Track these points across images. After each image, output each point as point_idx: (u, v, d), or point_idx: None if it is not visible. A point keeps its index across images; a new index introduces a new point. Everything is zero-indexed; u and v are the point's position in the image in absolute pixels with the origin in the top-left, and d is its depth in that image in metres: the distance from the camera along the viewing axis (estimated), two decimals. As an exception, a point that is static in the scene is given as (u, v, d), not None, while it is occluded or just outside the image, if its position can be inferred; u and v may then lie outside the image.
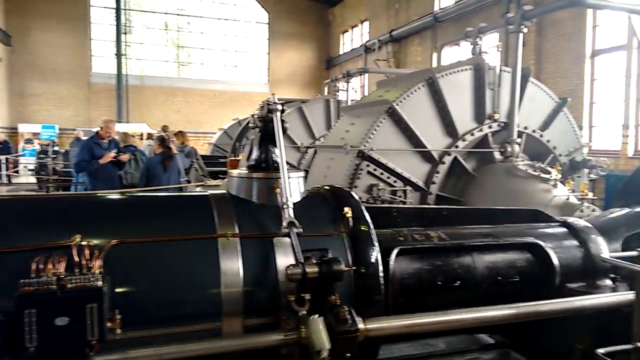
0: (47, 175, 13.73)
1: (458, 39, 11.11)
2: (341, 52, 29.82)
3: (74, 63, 26.40)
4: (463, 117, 5.57)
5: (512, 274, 2.65)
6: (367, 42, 24.79)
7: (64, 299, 1.50)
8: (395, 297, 2.36)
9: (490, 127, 5.65)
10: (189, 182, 7.49)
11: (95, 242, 1.77)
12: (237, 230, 2.07)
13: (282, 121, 2.27)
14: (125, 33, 24.56)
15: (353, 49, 27.55)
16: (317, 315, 1.79)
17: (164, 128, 16.64)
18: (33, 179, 15.75)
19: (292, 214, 2.05)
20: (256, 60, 31.17)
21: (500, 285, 2.60)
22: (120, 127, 13.44)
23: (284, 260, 2.02)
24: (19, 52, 25.55)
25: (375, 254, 2.15)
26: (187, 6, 29.49)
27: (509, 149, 5.53)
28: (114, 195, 2.63)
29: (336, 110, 9.75)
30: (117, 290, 1.74)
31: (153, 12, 29.10)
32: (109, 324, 1.56)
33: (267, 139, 2.39)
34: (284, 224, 2.03)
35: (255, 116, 2.35)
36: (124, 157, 7.02)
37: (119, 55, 23.59)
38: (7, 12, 25.07)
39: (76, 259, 1.64)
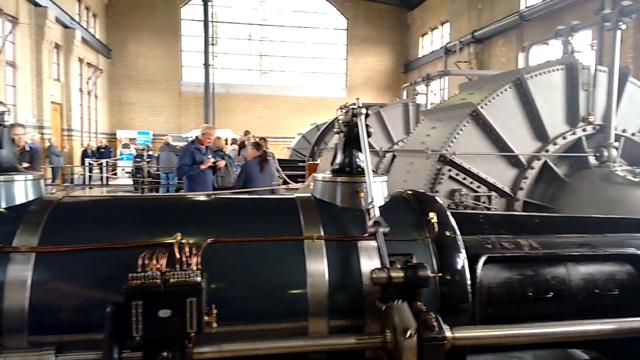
0: (142, 178, 14.80)
1: (547, 38, 10.51)
2: (420, 55, 29.36)
3: (167, 73, 28.30)
4: (554, 120, 5.27)
5: (610, 286, 2.46)
6: (447, 43, 24.21)
7: (167, 293, 1.61)
8: (483, 306, 2.28)
9: (584, 130, 5.29)
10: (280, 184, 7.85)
11: (193, 240, 1.89)
12: (322, 233, 2.11)
13: (367, 125, 2.29)
14: (213, 44, 25.87)
15: (432, 52, 27.03)
16: (401, 300, 1.79)
17: (246, 133, 17.33)
18: (129, 181, 17.04)
19: (378, 213, 2.05)
20: (334, 66, 31.56)
21: (597, 298, 2.43)
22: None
23: (368, 263, 2.04)
24: (118, 64, 27.84)
25: (462, 261, 2.10)
26: (270, 16, 30.54)
27: (606, 154, 5.15)
28: (210, 196, 2.79)
29: (415, 114, 9.60)
30: (212, 286, 1.85)
31: (238, 23, 30.44)
32: (206, 318, 1.65)
33: (351, 143, 2.41)
34: (370, 223, 2.03)
35: (340, 121, 2.39)
36: (221, 163, 7.44)
37: (206, 65, 24.90)
38: (107, 26, 27.42)
39: (177, 255, 1.76)
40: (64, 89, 20.50)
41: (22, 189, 2.19)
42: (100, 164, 18.67)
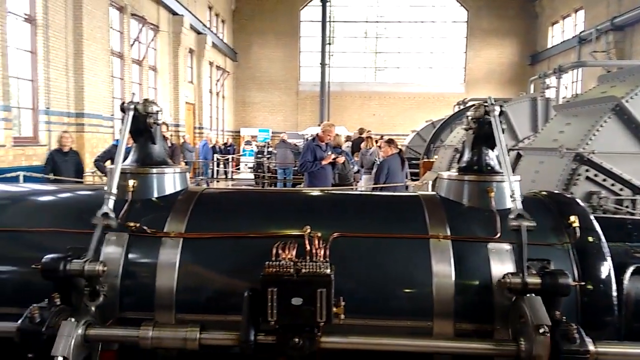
0: (262, 172, 15.67)
1: None
2: (549, 46, 27.12)
3: (286, 74, 29.58)
4: None
5: None
6: (581, 32, 22.06)
7: (300, 282, 1.69)
8: (629, 321, 2.06)
9: None
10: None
11: (320, 233, 1.95)
12: (448, 232, 2.06)
13: (501, 122, 2.18)
14: (329, 44, 26.45)
15: (564, 41, 24.84)
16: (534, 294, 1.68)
17: (360, 131, 17.45)
18: (251, 175, 18.14)
19: (520, 206, 1.94)
20: (452, 60, 30.46)
21: None
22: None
23: (499, 267, 1.94)
24: (243, 66, 29.70)
25: (608, 270, 1.91)
26: (386, 13, 30.39)
27: None
28: (335, 192, 2.87)
29: (544, 109, 8.89)
30: (338, 278, 1.90)
31: (354, 22, 30.77)
32: (334, 309, 1.70)
33: (481, 140, 2.32)
34: (512, 216, 1.92)
35: (470, 117, 2.30)
36: (340, 159, 7.61)
37: (322, 64, 25.57)
38: (234, 31, 29.38)
39: (307, 247, 1.84)
40: (196, 90, 22.40)
41: (171, 181, 2.44)
42: (227, 159, 20.10)
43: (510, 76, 28.99)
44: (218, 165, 19.74)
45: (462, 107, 15.57)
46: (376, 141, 11.77)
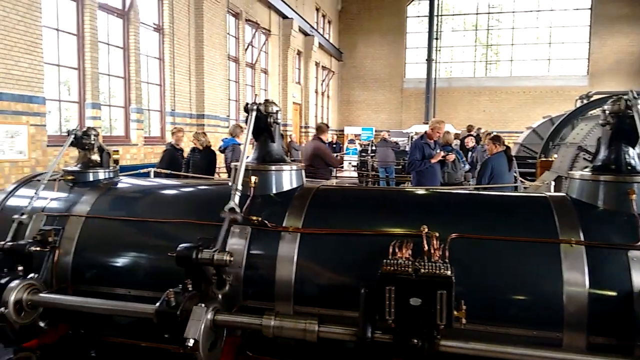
0: (366, 171, 15.69)
1: None
2: (692, 30, 23.82)
3: (390, 71, 29.32)
4: None
5: None
6: None
7: (419, 282, 1.66)
8: None
9: None
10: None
11: (438, 233, 1.90)
12: (581, 237, 1.90)
13: (644, 116, 1.96)
14: (437, 38, 25.73)
15: None
16: None
17: (469, 128, 16.73)
18: (354, 174, 18.24)
19: None
20: (573, 51, 27.98)
21: None
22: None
23: (643, 278, 1.74)
24: (347, 65, 29.98)
25: None
26: (499, 3, 28.80)
27: None
28: (452, 191, 2.79)
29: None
30: (458, 281, 1.83)
31: (464, 14, 29.59)
32: (455, 313, 1.65)
33: (620, 136, 2.10)
34: None
35: (607, 112, 2.10)
36: (450, 157, 7.31)
37: (429, 60, 24.95)
38: (340, 31, 29.76)
39: (425, 247, 1.80)
40: (303, 90, 23.08)
41: (288, 178, 2.54)
42: (331, 157, 20.47)
43: (642, 66, 25.97)
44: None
45: (585, 101, 14.22)
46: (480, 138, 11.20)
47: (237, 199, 2.16)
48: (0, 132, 6.48)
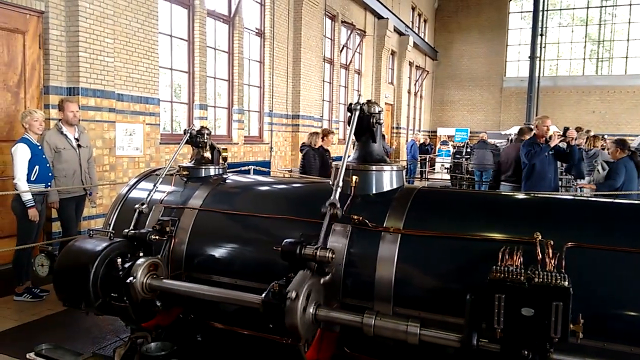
0: (460, 174, 15.15)
1: None
2: None
3: (489, 70, 28.05)
4: None
5: None
6: None
7: (532, 292, 1.58)
8: None
9: None
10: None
11: (552, 241, 1.79)
12: None
13: None
14: (542, 35, 24.16)
15: None
16: None
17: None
18: (446, 176, 17.70)
19: None
20: None
21: None
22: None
23: None
24: (443, 64, 29.17)
25: None
26: (614, -5, 26.40)
27: None
28: (566, 196, 2.62)
29: None
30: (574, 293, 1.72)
31: (573, 8, 27.51)
32: (571, 326, 1.55)
33: None
34: None
35: None
36: (572, 133, 6.52)
37: (532, 58, 23.50)
38: (435, 30, 29.05)
39: (539, 255, 1.71)
40: (395, 91, 22.82)
41: (389, 178, 2.54)
42: (424, 159, 20.03)
43: None
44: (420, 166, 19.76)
45: None
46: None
47: (337, 195, 2.18)
48: (120, 130, 7.15)
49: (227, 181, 3.06)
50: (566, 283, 1.56)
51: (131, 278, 2.30)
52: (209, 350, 2.73)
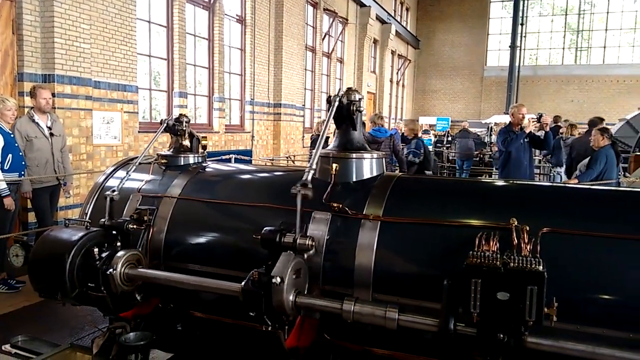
0: (441, 162, 15.28)
1: None
2: None
3: (471, 59, 28.22)
4: None
5: None
6: None
7: (507, 276, 1.60)
8: None
9: None
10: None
11: (528, 227, 1.82)
12: (695, 238, 1.74)
13: None
14: (522, 24, 24.39)
15: None
16: None
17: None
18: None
19: None
20: (679, 35, 25.40)
21: None
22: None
23: None
24: (425, 53, 29.24)
25: None
26: (593, -15, 26.73)
27: None
28: (542, 183, 2.65)
29: None
30: (548, 277, 1.75)
31: (553, -3, 27.78)
32: (545, 309, 1.58)
33: None
34: None
35: None
36: (546, 119, 6.56)
37: (513, 47, 23.73)
38: (418, 19, 29.06)
39: (515, 240, 1.73)
40: (378, 79, 22.85)
41: (369, 166, 2.54)
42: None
43: None
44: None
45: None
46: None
47: (309, 176, 2.11)
48: (97, 118, 7.02)
49: (206, 169, 3.02)
50: (541, 268, 1.59)
51: (111, 270, 2.26)
52: (189, 339, 2.72)
